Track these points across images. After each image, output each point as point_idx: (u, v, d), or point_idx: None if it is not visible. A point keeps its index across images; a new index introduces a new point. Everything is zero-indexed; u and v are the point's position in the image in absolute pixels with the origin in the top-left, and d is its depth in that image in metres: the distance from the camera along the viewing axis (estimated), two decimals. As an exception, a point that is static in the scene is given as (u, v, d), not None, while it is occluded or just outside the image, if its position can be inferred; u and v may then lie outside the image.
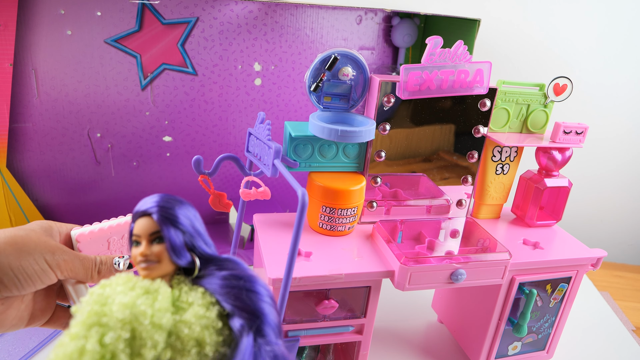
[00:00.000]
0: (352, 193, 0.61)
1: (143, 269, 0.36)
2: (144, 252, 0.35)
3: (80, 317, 0.31)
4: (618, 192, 1.34)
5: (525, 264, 0.62)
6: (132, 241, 0.36)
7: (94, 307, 0.31)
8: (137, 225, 0.36)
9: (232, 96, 0.94)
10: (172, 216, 0.36)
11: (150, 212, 0.36)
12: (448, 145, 0.68)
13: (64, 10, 0.79)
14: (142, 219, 0.36)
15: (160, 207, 0.36)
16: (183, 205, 0.37)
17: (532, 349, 0.71)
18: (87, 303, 0.32)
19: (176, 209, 0.37)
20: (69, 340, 0.30)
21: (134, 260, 0.36)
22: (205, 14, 0.86)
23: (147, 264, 0.35)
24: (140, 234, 0.36)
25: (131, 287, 0.34)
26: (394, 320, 0.82)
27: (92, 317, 0.31)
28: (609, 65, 1.21)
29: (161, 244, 0.36)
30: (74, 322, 0.31)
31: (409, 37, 0.99)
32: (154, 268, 0.36)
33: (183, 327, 0.33)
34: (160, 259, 0.36)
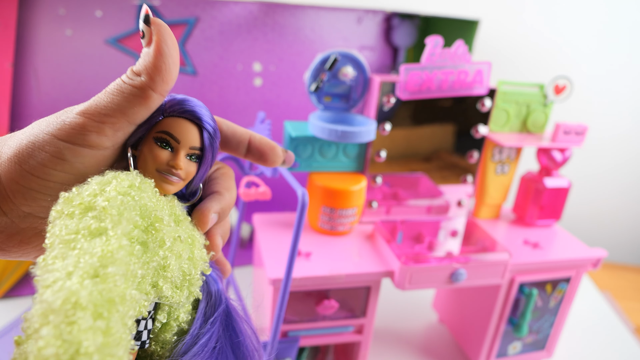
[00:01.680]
0: (352, 193, 0.61)
1: (164, 179, 0.29)
2: (178, 164, 0.29)
3: (125, 226, 0.25)
4: (618, 192, 1.34)
5: (525, 264, 0.62)
6: (158, 137, 0.29)
7: (135, 215, 0.26)
8: (181, 127, 0.29)
9: (232, 96, 0.94)
10: (215, 142, 0.31)
11: (203, 126, 0.30)
12: (448, 145, 0.68)
13: (64, 10, 0.79)
14: (187, 124, 0.30)
15: (214, 129, 0.31)
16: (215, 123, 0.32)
17: (532, 349, 0.71)
18: (125, 206, 0.26)
19: (216, 130, 0.31)
20: (121, 251, 0.24)
21: (154, 163, 0.29)
22: (205, 14, 0.86)
23: (172, 177, 0.29)
24: (180, 139, 0.29)
25: (160, 201, 0.28)
26: (394, 320, 0.82)
27: (135, 229, 0.26)
28: (609, 65, 1.21)
29: (194, 163, 0.30)
30: (117, 229, 0.25)
31: (409, 37, 0.99)
32: (176, 184, 0.30)
33: (191, 266, 0.29)
34: (186, 178, 0.30)
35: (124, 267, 0.24)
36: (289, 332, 0.58)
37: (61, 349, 0.20)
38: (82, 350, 0.21)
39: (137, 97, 0.27)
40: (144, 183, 0.28)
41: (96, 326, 0.21)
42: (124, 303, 0.23)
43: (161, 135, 0.29)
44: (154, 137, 0.29)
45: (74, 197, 0.25)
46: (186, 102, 0.30)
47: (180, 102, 0.30)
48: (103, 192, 0.26)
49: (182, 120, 0.30)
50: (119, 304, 0.23)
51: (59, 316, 0.21)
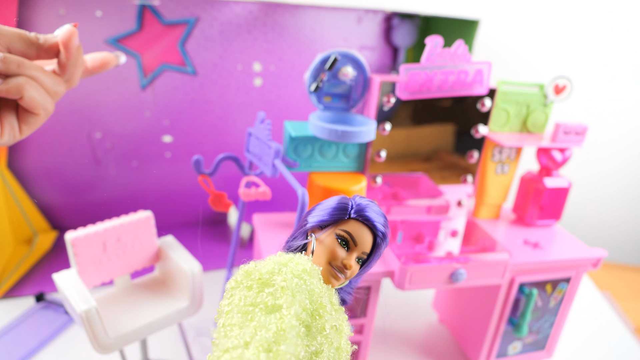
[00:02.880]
0: (352, 193, 0.61)
1: (334, 275, 0.33)
2: (350, 264, 0.32)
3: (297, 308, 0.28)
4: (618, 192, 1.34)
5: (525, 264, 0.62)
6: (340, 236, 0.33)
7: (305, 299, 0.29)
8: (362, 233, 0.33)
9: (232, 96, 0.94)
10: (380, 252, 0.34)
11: (379, 236, 0.34)
12: (448, 145, 0.68)
13: (64, 10, 0.79)
14: (367, 231, 0.33)
15: (386, 241, 0.34)
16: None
17: (532, 349, 0.71)
18: (298, 289, 0.28)
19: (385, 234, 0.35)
20: (292, 331, 0.26)
21: (329, 257, 0.32)
22: (205, 14, 0.86)
23: (341, 275, 0.33)
24: (358, 243, 0.33)
25: (325, 291, 0.31)
26: (394, 320, 0.82)
27: (303, 312, 0.28)
28: (609, 65, 1.21)
29: (358, 265, 0.34)
30: (291, 310, 0.27)
31: (409, 37, 0.99)
32: (340, 281, 0.33)
33: (337, 356, 0.31)
34: (349, 277, 0.33)
35: (293, 347, 0.26)
36: (289, 332, 0.58)
37: None
38: None
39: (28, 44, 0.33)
40: (314, 269, 0.31)
41: None
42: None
43: (344, 234, 0.33)
44: (336, 234, 0.33)
45: (253, 272, 0.29)
46: (369, 209, 0.34)
47: (365, 209, 0.34)
48: (280, 272, 0.29)
49: (363, 226, 0.33)
50: None
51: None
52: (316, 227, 0.34)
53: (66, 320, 0.74)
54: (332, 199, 0.35)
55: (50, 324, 0.73)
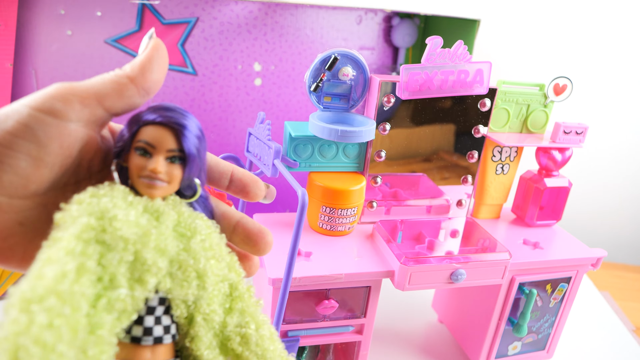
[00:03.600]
0: (352, 193, 0.61)
1: (147, 185, 0.30)
2: (157, 169, 0.30)
3: (74, 229, 0.26)
4: (618, 192, 1.34)
5: (525, 264, 0.62)
6: (137, 147, 0.30)
7: (90, 219, 0.27)
8: (155, 134, 0.30)
9: (232, 96, 0.94)
10: (197, 143, 0.32)
11: (175, 127, 0.31)
12: (448, 145, 0.68)
13: (64, 10, 0.79)
14: (161, 129, 0.31)
15: (188, 128, 0.31)
16: (199, 127, 0.32)
17: (532, 349, 0.71)
18: (78, 212, 0.27)
19: (200, 133, 0.32)
20: (63, 254, 0.25)
21: (136, 171, 0.30)
22: (205, 14, 0.86)
23: (154, 181, 0.30)
24: (156, 145, 0.30)
25: (130, 202, 0.29)
26: (394, 320, 0.82)
27: (89, 231, 0.26)
28: (609, 65, 1.21)
29: (177, 165, 0.31)
30: (66, 234, 0.26)
31: (409, 37, 0.99)
32: (160, 188, 0.31)
33: (188, 257, 0.30)
34: (171, 181, 0.31)
35: (62, 265, 0.24)
36: (288, 332, 0.58)
37: None
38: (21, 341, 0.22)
39: (113, 82, 0.29)
40: (112, 190, 0.29)
41: (18, 319, 0.23)
42: (61, 297, 0.24)
43: (138, 144, 0.30)
44: (134, 148, 0.31)
45: (59, 215, 0.27)
46: (161, 109, 0.31)
47: (155, 110, 0.31)
48: (66, 207, 0.27)
49: (155, 127, 0.31)
50: (54, 299, 0.24)
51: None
52: (120, 153, 0.31)
53: (66, 320, 0.73)
54: None
55: (50, 324, 0.72)
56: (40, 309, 0.23)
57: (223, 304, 0.32)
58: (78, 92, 0.27)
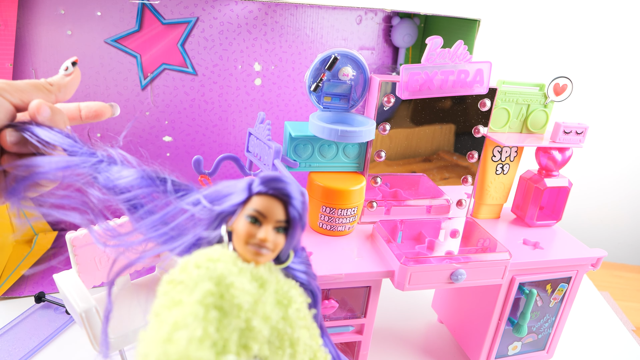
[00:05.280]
0: (352, 193, 0.61)
1: (255, 253, 0.32)
2: (266, 238, 0.32)
3: (197, 296, 0.27)
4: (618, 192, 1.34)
5: (525, 264, 0.62)
6: (249, 215, 0.32)
7: (210, 285, 0.28)
8: (268, 205, 0.32)
9: (232, 96, 0.94)
10: (303, 217, 0.34)
11: (290, 202, 0.33)
12: (448, 145, 0.68)
13: (64, 10, 0.79)
14: (273, 201, 0.33)
15: (302, 203, 0.33)
16: (303, 194, 0.35)
17: (532, 349, 0.71)
18: (198, 277, 0.28)
19: (304, 201, 0.34)
20: (192, 320, 0.26)
21: (245, 237, 0.32)
22: (205, 14, 0.86)
23: (261, 250, 0.32)
24: (267, 215, 0.32)
25: (240, 269, 0.31)
26: (394, 320, 0.82)
27: (209, 297, 0.28)
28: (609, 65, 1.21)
29: (281, 234, 0.33)
30: (190, 299, 0.27)
31: (409, 37, 0.99)
32: (265, 256, 0.33)
33: (285, 325, 0.31)
34: (275, 250, 0.33)
35: (192, 331, 0.26)
36: (289, 332, 0.58)
37: None
38: None
39: (44, 92, 0.40)
40: (223, 254, 0.31)
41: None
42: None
43: (250, 212, 0.32)
44: (245, 215, 0.33)
45: (167, 277, 0.29)
46: (270, 180, 0.34)
47: (268, 182, 0.33)
48: (185, 267, 0.29)
49: (267, 197, 0.33)
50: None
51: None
52: (227, 215, 0.34)
53: (66, 320, 0.74)
54: (235, 183, 0.35)
55: (50, 324, 0.73)
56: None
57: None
58: (14, 86, 0.38)
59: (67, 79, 0.42)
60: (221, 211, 0.33)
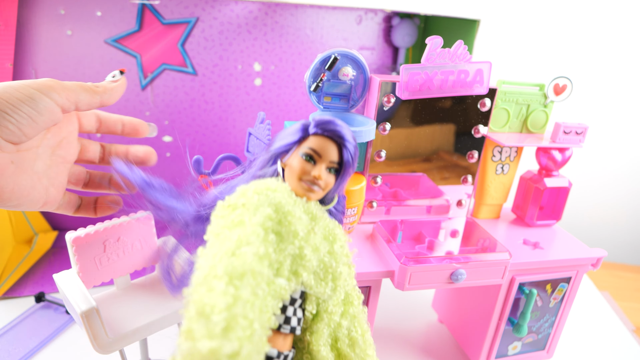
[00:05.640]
0: (352, 193, 0.61)
1: (307, 189, 0.34)
2: (320, 176, 0.34)
3: (259, 218, 0.29)
4: (618, 192, 1.34)
5: (525, 264, 0.62)
6: (304, 153, 0.35)
7: (269, 209, 0.30)
8: (323, 145, 0.35)
9: (232, 96, 0.94)
10: (354, 161, 0.36)
11: (344, 144, 0.35)
12: (448, 145, 0.68)
13: (64, 10, 0.79)
14: (331, 143, 0.35)
15: (354, 147, 0.36)
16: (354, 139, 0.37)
17: (532, 349, 0.71)
18: (259, 202, 0.30)
19: (355, 144, 0.36)
20: (255, 238, 0.28)
21: (299, 173, 0.35)
22: (205, 14, 0.86)
23: (314, 186, 0.34)
24: (322, 155, 0.35)
25: (294, 201, 0.33)
26: (394, 320, 0.82)
27: (269, 221, 0.30)
28: (609, 65, 1.21)
29: (332, 175, 0.35)
30: (253, 220, 0.29)
31: (409, 37, 0.99)
32: (316, 193, 0.35)
33: (331, 259, 0.33)
34: (325, 188, 0.35)
35: (256, 247, 0.28)
36: (289, 332, 0.58)
37: (199, 307, 0.25)
38: (215, 309, 0.25)
39: (90, 93, 0.42)
40: (280, 185, 0.33)
41: (227, 291, 0.26)
42: (255, 276, 0.27)
43: (307, 151, 0.35)
44: (300, 153, 0.35)
45: (226, 202, 0.31)
46: (326, 121, 0.36)
47: (324, 123, 0.35)
48: (245, 193, 0.31)
49: (323, 138, 0.35)
50: (250, 277, 0.27)
51: (202, 286, 0.26)
52: (282, 153, 0.36)
53: (66, 320, 0.74)
54: (292, 125, 0.37)
55: (50, 324, 0.73)
56: (242, 284, 0.27)
57: (341, 307, 0.36)
58: (63, 85, 0.39)
59: (114, 84, 0.44)
60: (277, 149, 0.35)
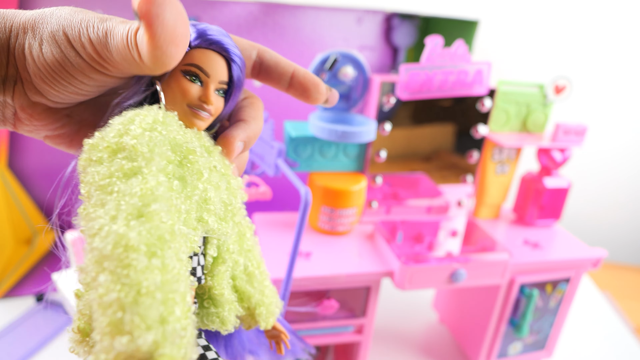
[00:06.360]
0: (352, 193, 0.61)
1: (194, 115, 0.28)
2: (209, 99, 0.28)
3: (158, 162, 0.24)
4: (618, 192, 1.34)
5: (525, 264, 0.62)
6: (187, 71, 0.27)
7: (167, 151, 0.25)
8: (210, 60, 0.27)
9: (232, 96, 0.94)
10: (242, 78, 0.29)
11: (231, 58, 0.28)
12: (448, 145, 0.68)
13: (64, 10, 0.79)
14: (216, 57, 0.28)
15: (243, 62, 0.29)
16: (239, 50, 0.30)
17: (532, 349, 0.71)
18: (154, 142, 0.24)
19: (242, 59, 0.29)
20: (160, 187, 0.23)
21: (183, 97, 0.27)
22: (205, 14, 0.86)
23: (202, 112, 0.28)
24: (210, 73, 0.27)
25: (189, 135, 0.27)
26: (394, 320, 0.82)
27: (169, 164, 0.25)
28: (609, 65, 1.21)
29: (222, 98, 0.29)
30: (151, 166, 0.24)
31: (409, 37, 0.99)
32: (204, 121, 0.28)
33: (230, 195, 0.28)
34: (215, 114, 0.29)
35: (166, 202, 0.23)
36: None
37: (122, 293, 0.20)
38: (143, 290, 0.20)
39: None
40: (168, 117, 0.26)
41: (152, 265, 0.21)
42: (175, 239, 0.22)
43: (190, 68, 0.27)
44: (182, 70, 0.27)
45: (99, 142, 0.24)
46: (210, 31, 0.28)
47: (205, 33, 0.28)
48: (128, 131, 0.24)
49: (210, 52, 0.28)
50: (170, 241, 0.22)
51: (113, 261, 0.20)
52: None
53: (66, 320, 0.74)
54: None
55: (50, 324, 0.73)
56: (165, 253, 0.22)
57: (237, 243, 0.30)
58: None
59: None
60: None
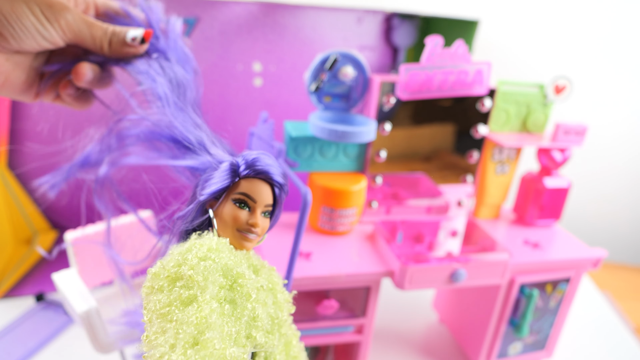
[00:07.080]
0: (352, 193, 0.61)
1: (244, 238, 0.31)
2: (257, 223, 0.31)
3: (212, 290, 0.27)
4: (618, 192, 1.34)
5: (525, 264, 0.62)
6: (237, 199, 0.31)
7: (219, 277, 0.28)
8: (257, 188, 0.31)
9: (232, 96, 0.94)
10: (284, 198, 0.33)
11: (277, 185, 0.32)
12: (448, 145, 0.68)
13: (64, 10, 0.79)
14: (264, 185, 0.32)
15: (286, 186, 0.33)
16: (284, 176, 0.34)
17: (532, 349, 0.71)
18: (208, 270, 0.27)
19: (286, 183, 0.34)
20: (213, 314, 0.26)
21: (233, 223, 0.31)
22: (205, 14, 0.86)
23: (251, 235, 0.31)
24: (257, 200, 0.31)
25: (238, 259, 0.30)
26: (394, 320, 0.82)
27: (221, 290, 0.27)
28: (609, 65, 1.21)
29: (267, 218, 0.32)
30: (205, 294, 0.26)
31: (409, 37, 0.99)
32: (252, 242, 0.32)
33: (277, 310, 0.31)
34: (261, 234, 0.32)
35: (219, 329, 0.25)
36: (289, 332, 0.58)
37: None
38: None
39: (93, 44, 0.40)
40: (220, 244, 0.30)
41: None
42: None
43: (240, 197, 0.31)
44: (232, 199, 0.31)
45: (161, 271, 0.28)
46: (258, 162, 0.32)
47: (253, 164, 0.32)
48: (185, 260, 0.27)
49: (257, 181, 0.32)
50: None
51: None
52: (211, 200, 0.32)
53: (66, 320, 0.74)
54: (220, 166, 0.33)
55: (50, 324, 0.73)
56: None
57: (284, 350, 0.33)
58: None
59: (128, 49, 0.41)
60: (206, 197, 0.31)
